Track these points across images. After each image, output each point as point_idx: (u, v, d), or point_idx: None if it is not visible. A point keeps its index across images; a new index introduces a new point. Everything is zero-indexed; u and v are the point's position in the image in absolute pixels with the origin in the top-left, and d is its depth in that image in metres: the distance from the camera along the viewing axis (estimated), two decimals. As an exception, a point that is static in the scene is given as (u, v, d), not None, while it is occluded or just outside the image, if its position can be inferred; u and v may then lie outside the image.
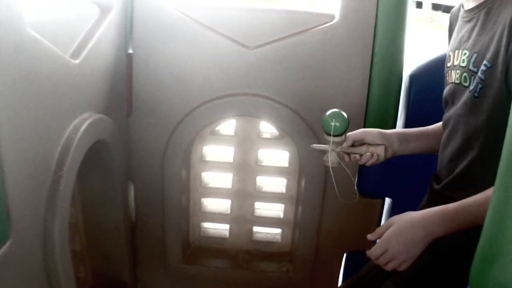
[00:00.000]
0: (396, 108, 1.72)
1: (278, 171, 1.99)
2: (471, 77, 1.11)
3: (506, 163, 0.70)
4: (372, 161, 1.28)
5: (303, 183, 1.87)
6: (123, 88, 1.75)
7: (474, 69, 1.10)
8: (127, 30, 1.72)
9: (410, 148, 1.35)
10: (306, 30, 1.70)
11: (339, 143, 1.27)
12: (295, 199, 2.00)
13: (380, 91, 1.70)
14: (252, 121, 1.89)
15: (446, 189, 1.22)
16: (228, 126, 1.95)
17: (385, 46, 1.66)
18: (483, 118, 1.08)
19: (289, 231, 2.07)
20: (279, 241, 2.09)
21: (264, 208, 2.07)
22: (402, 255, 1.05)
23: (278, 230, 2.09)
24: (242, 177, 1.99)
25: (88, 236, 1.75)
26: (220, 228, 2.11)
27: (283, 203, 2.03)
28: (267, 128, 1.94)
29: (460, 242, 1.04)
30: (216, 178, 2.05)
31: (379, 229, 1.11)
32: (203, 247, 2.11)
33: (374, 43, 1.66)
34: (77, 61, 1.35)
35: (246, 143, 1.94)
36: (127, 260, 1.87)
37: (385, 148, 1.28)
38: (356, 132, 1.29)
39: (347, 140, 1.27)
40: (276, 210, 2.06)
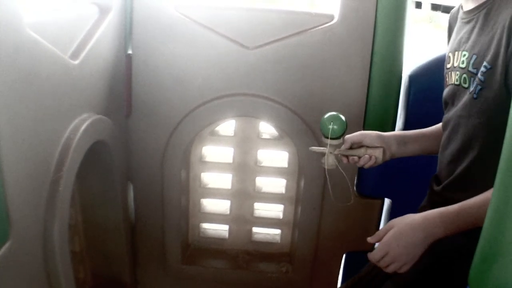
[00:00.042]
0: (395, 108, 1.73)
1: (277, 171, 1.99)
2: (471, 78, 1.11)
3: (505, 163, 0.70)
4: (370, 163, 1.29)
5: (302, 184, 1.87)
6: (123, 89, 1.75)
7: (473, 70, 1.10)
8: (127, 30, 1.71)
9: (408, 150, 1.35)
10: (306, 31, 1.70)
11: (337, 146, 1.27)
12: (295, 199, 2.00)
13: (379, 91, 1.70)
14: (252, 121, 1.89)
15: (446, 190, 1.22)
16: (227, 127, 1.94)
17: (384, 46, 1.66)
18: (483, 119, 1.08)
19: (288, 232, 2.07)
20: (279, 241, 2.09)
21: (263, 209, 2.06)
22: (403, 257, 1.05)
23: (277, 231, 2.09)
24: (241, 177, 1.99)
25: (87, 236, 1.75)
26: (220, 229, 2.11)
27: (283, 204, 2.03)
28: (267, 129, 1.94)
29: (460, 243, 1.04)
30: (215, 178, 2.05)
31: (379, 232, 1.11)
32: (202, 247, 2.10)
33: (373, 43, 1.66)
34: (76, 61, 1.35)
35: (246, 143, 1.94)
36: (126, 260, 1.87)
37: (383, 150, 1.29)
38: (354, 134, 1.29)
39: (345, 143, 1.28)
40: (275, 210, 2.06)
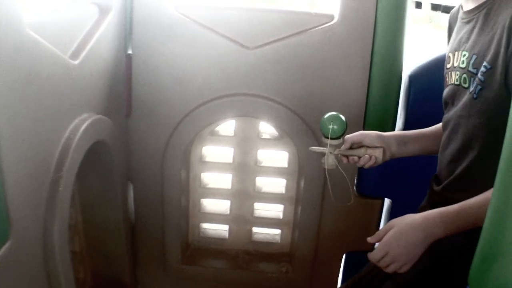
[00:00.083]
0: (395, 108, 1.72)
1: (277, 171, 1.99)
2: (471, 78, 1.11)
3: (505, 163, 0.70)
4: (370, 163, 1.29)
5: (302, 184, 1.87)
6: (123, 89, 1.75)
7: (473, 70, 1.10)
8: (127, 30, 1.71)
9: (408, 150, 1.35)
10: (306, 31, 1.70)
11: (337, 146, 1.27)
12: (295, 199, 2.00)
13: (379, 91, 1.70)
14: (252, 121, 1.89)
15: (446, 190, 1.22)
16: (227, 127, 1.94)
17: (384, 46, 1.66)
18: (483, 119, 1.08)
19: (288, 232, 2.07)
20: (279, 241, 2.09)
21: (263, 209, 2.06)
22: (403, 257, 1.05)
23: (277, 231, 2.09)
24: (241, 177, 1.99)
25: (87, 236, 1.75)
26: (220, 229, 2.11)
27: (283, 204, 2.03)
28: (267, 129, 1.94)
29: (460, 243, 1.05)
30: (215, 178, 2.05)
31: (379, 232, 1.11)
32: (202, 247, 2.10)
33: (373, 43, 1.66)
34: (76, 61, 1.35)
35: (246, 143, 1.94)
36: (126, 260, 1.87)
37: (383, 150, 1.29)
38: (354, 134, 1.30)
39: (345, 143, 1.28)
40: (275, 210, 2.06)
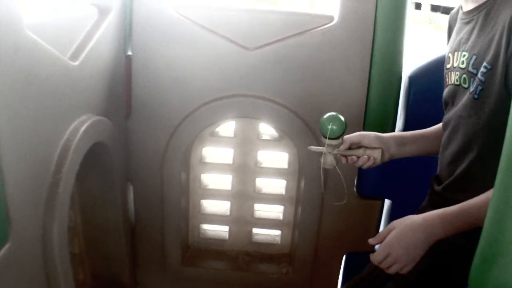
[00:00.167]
0: (395, 109, 1.72)
1: (277, 172, 1.99)
2: (471, 78, 1.11)
3: (506, 164, 0.70)
4: (368, 164, 1.29)
5: (302, 185, 1.87)
6: (122, 90, 1.75)
7: (473, 70, 1.10)
8: (126, 32, 1.71)
9: (407, 151, 1.35)
10: (305, 32, 1.70)
11: (336, 146, 1.27)
12: (295, 200, 2.00)
13: (379, 92, 1.70)
14: (252, 122, 1.89)
15: (446, 190, 1.22)
16: (227, 128, 1.94)
17: (384, 47, 1.66)
18: (483, 120, 1.08)
19: (288, 233, 2.06)
20: (279, 242, 2.09)
21: (263, 210, 2.06)
22: (404, 258, 1.06)
23: (277, 232, 2.09)
24: (241, 178, 1.99)
25: (87, 238, 1.75)
26: (220, 230, 2.11)
27: (283, 205, 2.03)
28: (267, 130, 1.93)
29: (460, 244, 1.05)
30: (215, 179, 2.05)
31: (381, 233, 1.12)
32: (202, 248, 2.10)
33: (373, 44, 1.66)
34: (76, 63, 1.35)
35: (246, 144, 1.94)
36: (126, 262, 1.87)
37: (382, 151, 1.29)
38: (353, 135, 1.30)
39: (344, 143, 1.28)
40: (275, 211, 2.06)
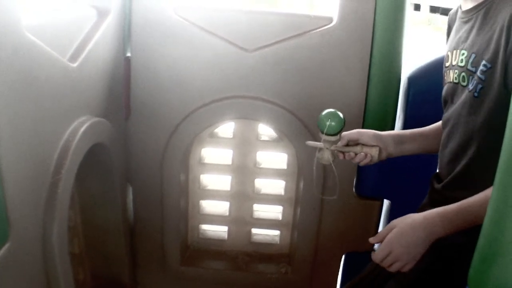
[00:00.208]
0: (394, 110, 1.73)
1: (276, 173, 1.99)
2: (469, 76, 1.12)
3: (505, 163, 0.70)
4: (365, 161, 1.30)
5: (301, 185, 1.87)
6: (122, 91, 1.75)
7: (472, 68, 1.11)
8: (125, 33, 1.71)
9: (406, 149, 1.35)
10: (305, 33, 1.70)
11: (334, 142, 1.28)
12: (294, 201, 2.00)
13: (378, 93, 1.70)
14: (251, 123, 1.90)
15: (446, 189, 1.22)
16: (226, 129, 1.94)
17: (383, 48, 1.66)
18: (483, 118, 1.09)
19: (287, 233, 2.07)
20: (278, 242, 2.09)
21: (262, 210, 2.06)
22: (405, 256, 1.06)
23: (276, 232, 2.09)
24: (240, 179, 1.99)
25: (87, 238, 1.75)
26: (219, 230, 2.11)
27: (282, 205, 2.03)
28: (266, 131, 1.94)
29: (460, 242, 1.05)
30: (214, 180, 2.05)
31: (381, 232, 1.12)
32: (201, 249, 2.10)
33: (372, 45, 1.67)
34: (75, 64, 1.35)
35: (245, 145, 1.94)
36: (126, 262, 1.87)
37: (379, 149, 1.30)
38: (351, 132, 1.31)
39: (342, 140, 1.29)
40: (274, 212, 2.06)
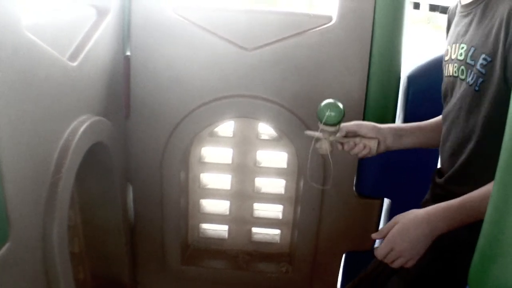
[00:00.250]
0: (394, 109, 1.73)
1: (276, 172, 1.99)
2: (468, 70, 1.12)
3: (505, 162, 0.70)
4: (364, 153, 1.30)
5: (301, 184, 1.87)
6: (121, 90, 1.75)
7: (471, 62, 1.11)
8: (125, 32, 1.71)
9: (404, 143, 1.35)
10: (304, 32, 1.70)
11: (333, 133, 1.28)
12: (294, 200, 2.00)
13: (378, 92, 1.70)
14: (251, 122, 1.90)
15: (448, 183, 1.22)
16: (226, 128, 1.94)
17: (382, 47, 1.66)
18: (483, 112, 1.09)
19: (288, 232, 2.07)
20: (278, 242, 2.09)
21: (263, 209, 2.07)
22: (408, 252, 1.07)
23: (277, 231, 2.09)
24: (240, 178, 1.99)
25: (87, 237, 1.75)
26: (219, 229, 2.11)
27: (282, 204, 2.03)
28: (266, 130, 1.94)
29: (463, 237, 1.05)
30: (214, 179, 2.05)
31: (383, 228, 1.12)
32: (202, 248, 2.11)
33: (371, 44, 1.67)
34: (75, 63, 1.35)
35: (245, 144, 1.94)
36: (126, 261, 1.87)
37: (378, 142, 1.30)
38: (350, 123, 1.31)
39: (341, 131, 1.29)
40: (275, 211, 2.06)
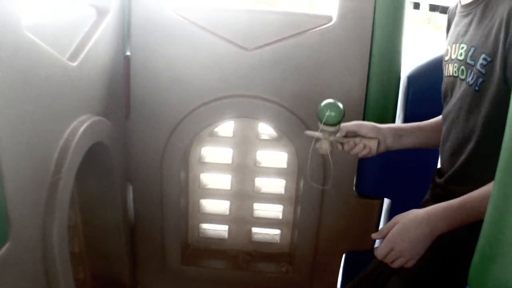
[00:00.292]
0: (394, 109, 1.73)
1: (276, 172, 1.99)
2: (468, 70, 1.12)
3: (505, 162, 0.70)
4: (364, 153, 1.30)
5: (301, 184, 1.87)
6: (121, 90, 1.75)
7: (471, 62, 1.11)
8: (125, 32, 1.71)
9: (404, 143, 1.35)
10: (304, 32, 1.70)
11: (333, 133, 1.28)
12: (294, 200, 2.00)
13: (378, 92, 1.70)
14: (251, 122, 1.90)
15: (448, 183, 1.22)
16: (226, 128, 1.95)
17: (382, 47, 1.66)
18: (483, 112, 1.09)
19: (288, 232, 2.07)
20: (278, 241, 2.09)
21: (263, 209, 2.07)
22: (408, 252, 1.07)
23: (277, 231, 2.09)
24: (240, 178, 1.99)
25: (87, 237, 1.75)
26: (219, 229, 2.11)
27: (282, 204, 2.03)
28: (266, 130, 1.94)
29: (463, 237, 1.05)
30: (214, 179, 2.05)
31: (383, 228, 1.12)
32: (202, 248, 2.11)
33: (371, 44, 1.67)
34: (75, 63, 1.35)
35: (245, 144, 1.94)
36: (126, 261, 1.87)
37: (378, 142, 1.30)
38: (350, 123, 1.31)
39: (341, 131, 1.29)
40: (275, 211, 2.06)
